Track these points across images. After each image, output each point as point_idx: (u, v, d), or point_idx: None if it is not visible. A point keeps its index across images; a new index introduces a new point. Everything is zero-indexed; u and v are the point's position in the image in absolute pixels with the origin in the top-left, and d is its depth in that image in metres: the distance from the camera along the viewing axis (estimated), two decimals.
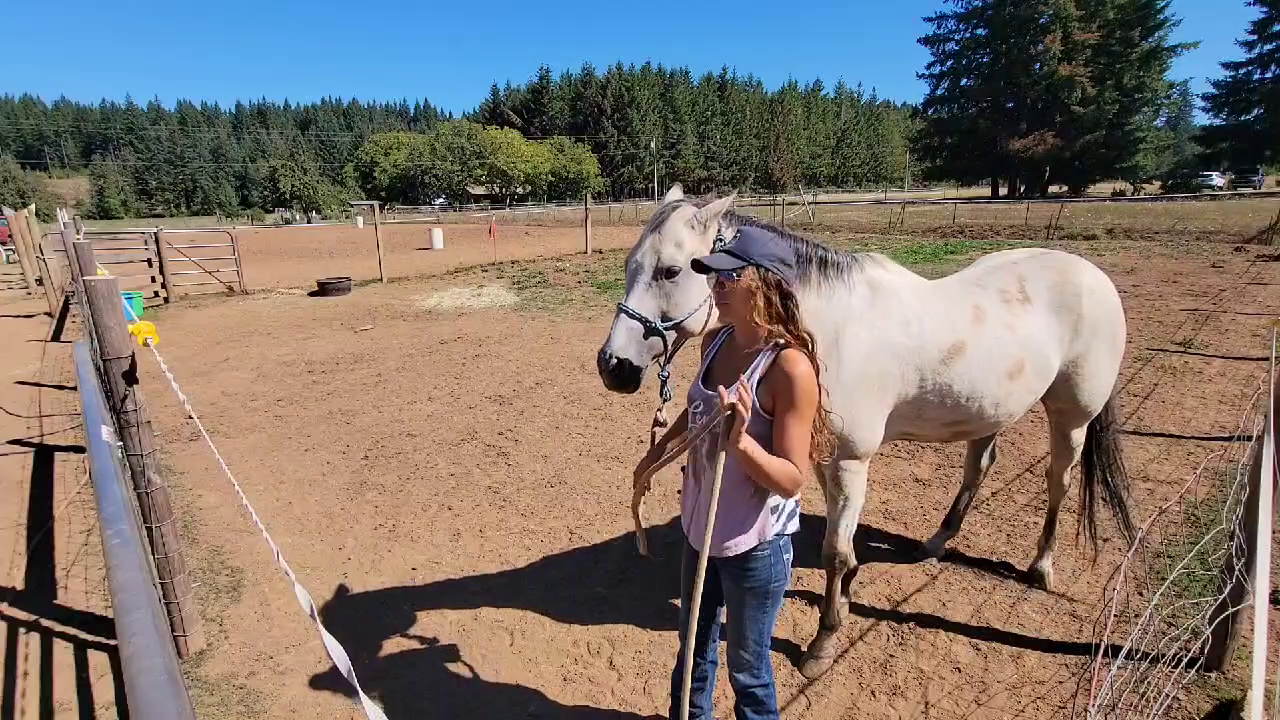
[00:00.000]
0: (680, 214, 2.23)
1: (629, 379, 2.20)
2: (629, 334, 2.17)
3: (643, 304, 2.18)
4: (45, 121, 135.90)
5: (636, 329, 2.17)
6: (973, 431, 2.96)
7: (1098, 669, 2.81)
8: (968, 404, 2.72)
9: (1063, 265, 3.04)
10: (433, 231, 29.11)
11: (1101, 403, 3.21)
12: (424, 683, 2.98)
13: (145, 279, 14.55)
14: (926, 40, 58.97)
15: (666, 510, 4.50)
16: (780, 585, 2.00)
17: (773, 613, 2.04)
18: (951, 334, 2.66)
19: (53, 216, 19.82)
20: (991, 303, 2.82)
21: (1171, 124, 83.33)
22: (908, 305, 2.63)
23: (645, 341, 2.19)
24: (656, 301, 2.19)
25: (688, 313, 2.21)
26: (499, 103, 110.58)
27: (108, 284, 2.89)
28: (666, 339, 2.20)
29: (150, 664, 1.19)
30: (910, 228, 25.77)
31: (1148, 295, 11.18)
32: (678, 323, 2.20)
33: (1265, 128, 47.76)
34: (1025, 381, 2.82)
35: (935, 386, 2.66)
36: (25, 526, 4.59)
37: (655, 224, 2.24)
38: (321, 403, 7.21)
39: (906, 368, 2.59)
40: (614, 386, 2.21)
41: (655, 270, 2.18)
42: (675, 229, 2.21)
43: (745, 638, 2.05)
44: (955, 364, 2.65)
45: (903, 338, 2.57)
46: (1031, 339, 2.83)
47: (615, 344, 2.16)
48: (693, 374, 2.17)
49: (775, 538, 1.95)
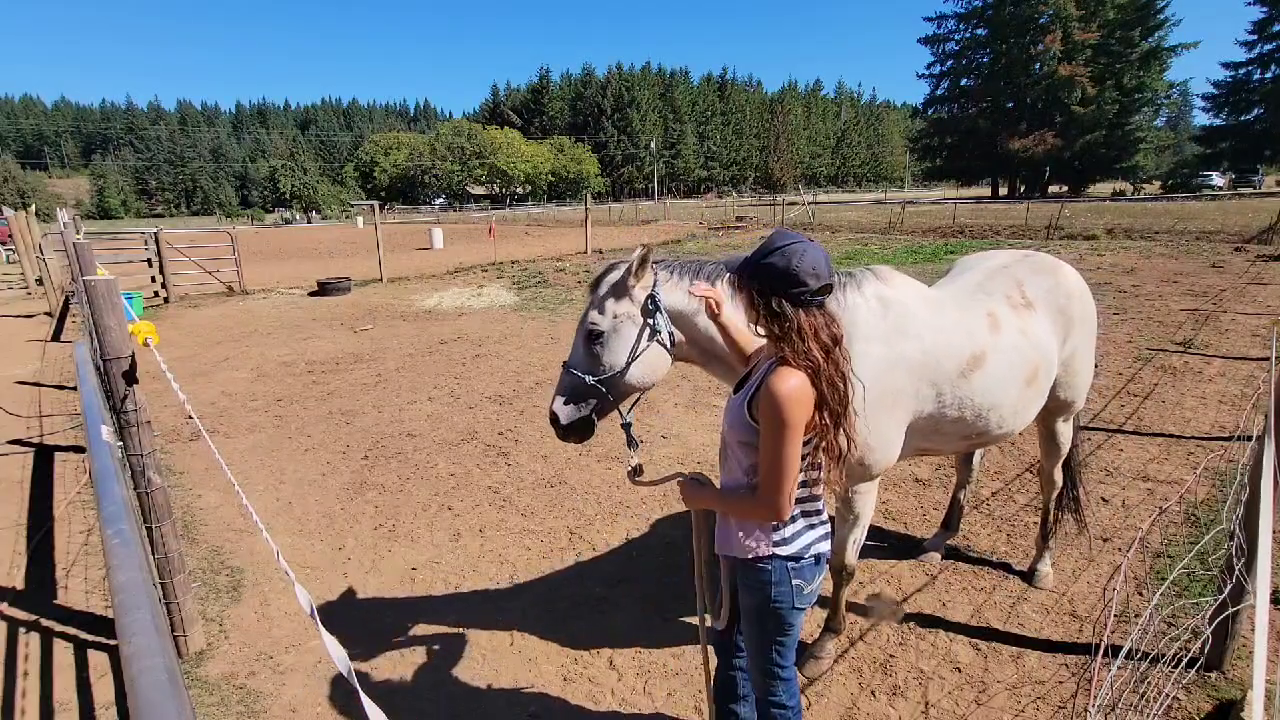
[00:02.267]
0: (607, 279, 2.36)
1: (571, 430, 2.38)
2: (565, 390, 2.37)
3: (578, 363, 2.36)
4: (45, 121, 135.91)
5: (571, 384, 2.36)
6: (989, 442, 2.90)
7: (1098, 669, 2.81)
8: (989, 415, 2.65)
9: (1052, 268, 3.07)
10: (433, 231, 29.08)
11: (1084, 397, 3.28)
12: (424, 683, 2.99)
13: (145, 279, 14.55)
14: (926, 40, 58.98)
15: (667, 510, 4.50)
16: (785, 609, 1.88)
17: (779, 637, 1.94)
18: (970, 345, 2.59)
19: (53, 216, 19.81)
20: (1003, 309, 2.78)
21: (1171, 124, 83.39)
22: (920, 318, 2.53)
23: (581, 399, 2.36)
24: (588, 361, 2.35)
25: (616, 369, 2.32)
26: (499, 103, 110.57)
27: (108, 284, 2.89)
28: (603, 393, 2.33)
29: (150, 664, 1.19)
30: (910, 228, 25.76)
31: (1148, 295, 11.18)
32: (608, 378, 2.32)
33: (1265, 128, 47.77)
34: (1039, 387, 2.82)
35: (955, 400, 2.57)
36: (25, 526, 4.59)
37: (591, 289, 2.41)
38: (321, 403, 7.21)
39: (921, 383, 2.51)
40: (563, 438, 2.41)
41: (585, 334, 2.35)
42: (599, 295, 2.35)
43: (753, 654, 2.01)
44: (975, 375, 2.58)
45: (917, 354, 2.48)
46: (1041, 343, 2.82)
47: (554, 402, 2.38)
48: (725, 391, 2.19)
49: (790, 560, 1.85)
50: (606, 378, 2.32)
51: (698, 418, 6.25)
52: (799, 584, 1.87)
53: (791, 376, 1.67)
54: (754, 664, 2.03)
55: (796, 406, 1.66)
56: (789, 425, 1.66)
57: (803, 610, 1.92)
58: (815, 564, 1.90)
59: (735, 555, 1.91)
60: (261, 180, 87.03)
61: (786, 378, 1.67)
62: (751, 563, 1.88)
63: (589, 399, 2.35)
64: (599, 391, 2.32)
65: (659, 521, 4.37)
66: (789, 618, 1.91)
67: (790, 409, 1.65)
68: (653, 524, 4.34)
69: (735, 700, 2.27)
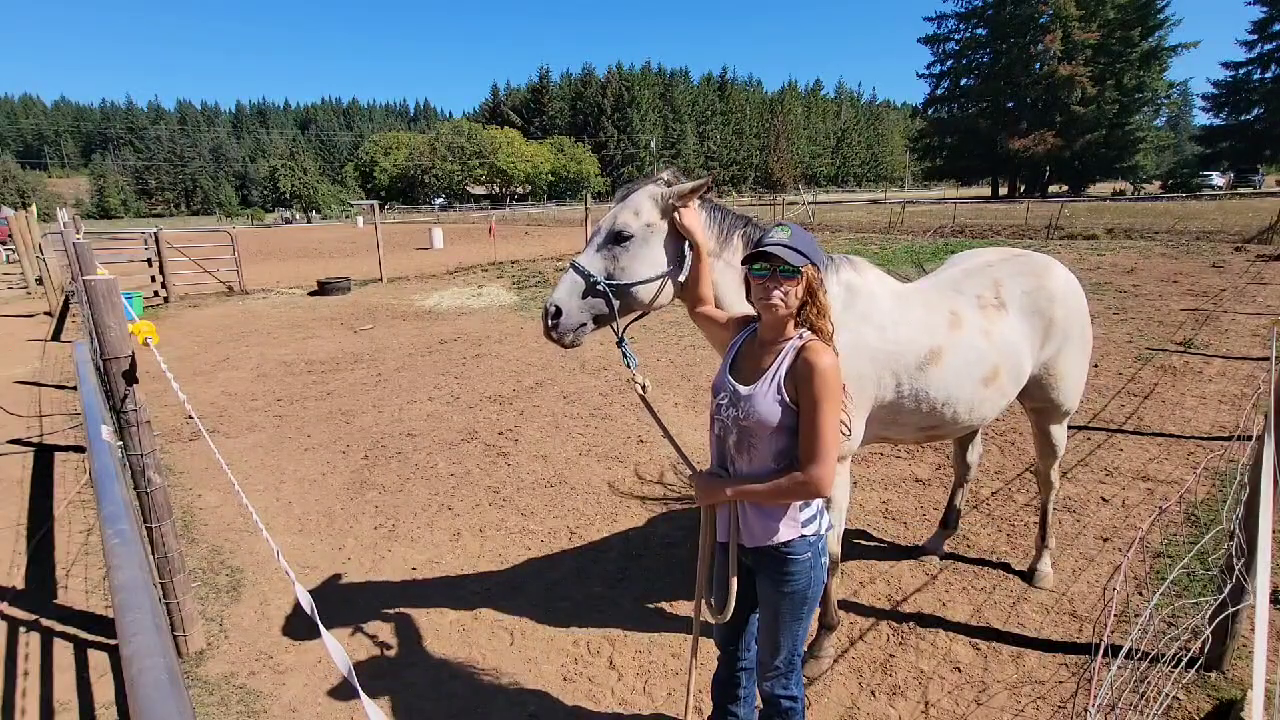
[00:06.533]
0: (647, 189, 2.31)
1: (565, 330, 2.26)
2: (571, 286, 2.25)
3: (591, 262, 2.26)
4: (45, 121, 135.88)
5: (579, 283, 2.25)
6: (947, 435, 3.00)
7: (1098, 669, 2.81)
8: (943, 409, 2.74)
9: (1036, 269, 3.06)
10: (432, 231, 29.08)
11: (1076, 400, 3.27)
12: (424, 683, 2.98)
13: (145, 279, 14.55)
14: (926, 40, 58.90)
15: (667, 509, 4.50)
16: (818, 591, 1.96)
17: (808, 621, 2.00)
18: (929, 340, 2.66)
19: (53, 216, 19.83)
20: (969, 309, 2.84)
21: (1171, 124, 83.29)
22: (885, 310, 2.61)
23: (585, 300, 2.26)
24: (605, 262, 2.26)
25: (633, 279, 2.26)
26: (499, 102, 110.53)
27: (108, 284, 2.89)
28: (610, 299, 2.25)
29: (150, 664, 1.20)
30: (910, 227, 25.76)
31: (1148, 295, 11.18)
32: (620, 285, 2.25)
33: (1265, 128, 47.77)
34: (999, 387, 2.85)
35: (912, 391, 2.66)
36: (25, 526, 4.59)
37: (625, 193, 2.35)
38: (321, 402, 7.21)
39: (883, 372, 2.58)
40: (549, 334, 2.28)
41: (609, 234, 2.27)
42: (638, 200, 2.30)
43: (779, 645, 2.01)
44: (932, 370, 2.65)
45: (879, 342, 2.56)
46: (1007, 345, 2.85)
47: (556, 293, 2.25)
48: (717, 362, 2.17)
49: (815, 537, 1.91)
50: (619, 285, 2.25)
51: (697, 417, 6.25)
52: (824, 561, 1.97)
53: (828, 351, 1.79)
54: (772, 655, 2.03)
55: (838, 377, 1.77)
56: (836, 397, 1.76)
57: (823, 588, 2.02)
58: (826, 541, 1.99)
59: (760, 544, 1.91)
60: (261, 180, 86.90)
61: (825, 352, 1.78)
62: (780, 549, 1.89)
63: (593, 305, 2.27)
64: (607, 297, 2.24)
65: (659, 521, 4.37)
66: (816, 601, 2.00)
67: (836, 379, 1.76)
68: (653, 524, 4.34)
69: (735, 700, 2.26)
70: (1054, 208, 24.97)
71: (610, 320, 2.29)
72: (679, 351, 8.59)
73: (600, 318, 2.30)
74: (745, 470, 1.91)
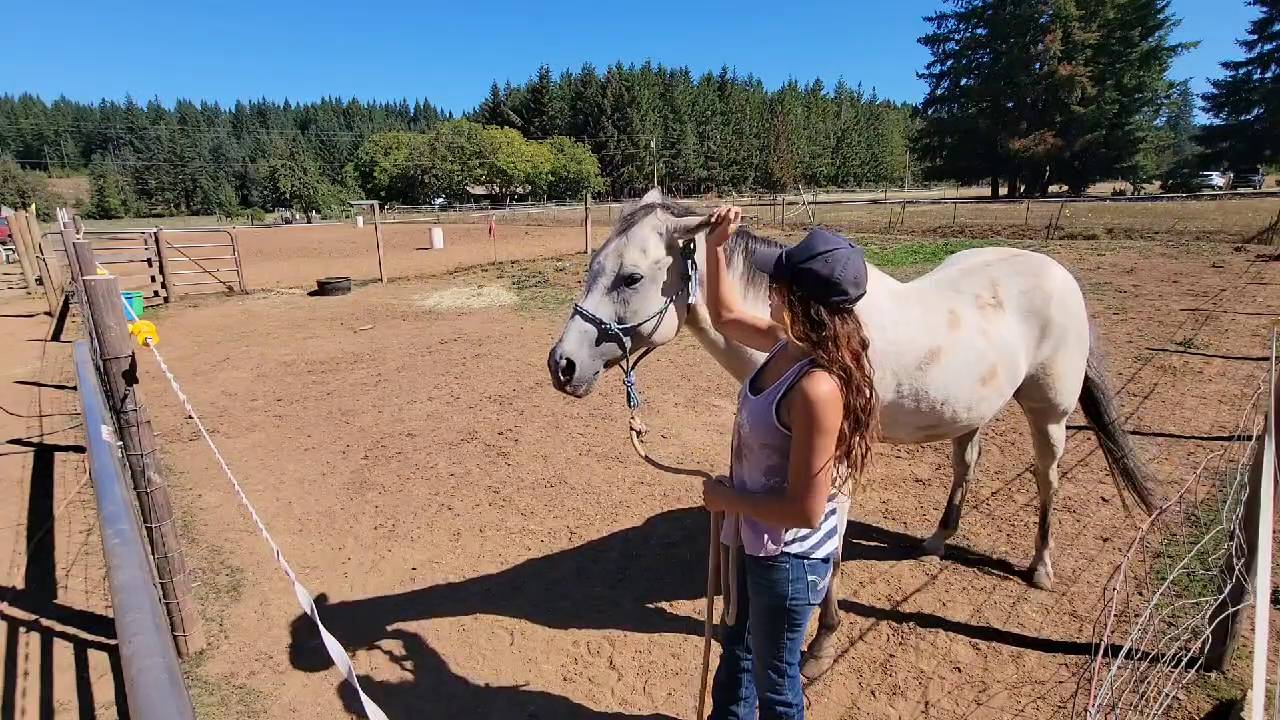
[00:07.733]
0: (650, 220, 2.18)
1: (580, 383, 2.15)
2: (580, 336, 2.12)
3: (599, 307, 2.14)
4: (45, 121, 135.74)
5: (589, 331, 2.13)
6: (944, 434, 3.01)
7: (1098, 669, 2.81)
8: (942, 408, 2.74)
9: (1033, 269, 3.07)
10: (432, 231, 29.07)
11: (1073, 400, 3.26)
12: (424, 683, 2.98)
13: (145, 279, 14.54)
14: (926, 40, 58.86)
15: (667, 509, 4.50)
16: (799, 605, 1.89)
17: (791, 634, 1.95)
18: (929, 340, 2.67)
19: (53, 216, 19.81)
20: (967, 308, 2.84)
21: (1171, 124, 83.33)
22: (884, 310, 2.61)
23: (598, 347, 2.14)
24: (614, 306, 2.14)
25: (644, 318, 2.15)
26: (499, 102, 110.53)
27: (108, 284, 2.89)
28: (624, 343, 2.15)
29: (150, 664, 1.19)
30: (910, 227, 25.77)
31: (1148, 295, 11.18)
32: (632, 327, 2.15)
33: (1265, 128, 47.74)
34: (997, 386, 2.86)
35: (911, 391, 2.67)
36: (25, 526, 4.59)
37: (624, 226, 2.19)
38: (321, 402, 7.21)
39: (883, 372, 2.58)
40: (562, 388, 2.15)
41: (618, 276, 2.13)
42: (643, 236, 2.16)
43: (762, 653, 2.01)
44: (931, 370, 2.66)
45: (878, 342, 2.51)
46: (1004, 344, 2.86)
47: (567, 345, 2.11)
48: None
49: (795, 556, 1.87)
50: (631, 326, 2.14)
51: (697, 417, 6.25)
52: (813, 580, 1.89)
53: (825, 381, 1.65)
54: (762, 662, 2.03)
55: (833, 411, 1.64)
56: (826, 431, 1.63)
57: (814, 607, 1.94)
58: (824, 562, 1.91)
59: (748, 552, 1.91)
60: (261, 180, 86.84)
61: (821, 382, 1.65)
62: (765, 560, 1.88)
63: (605, 350, 2.15)
64: (619, 340, 2.14)
65: (659, 522, 4.37)
66: (801, 615, 1.93)
67: (828, 414, 1.63)
68: (653, 524, 4.34)
69: (735, 701, 2.26)
70: (1054, 208, 24.96)
71: (621, 360, 2.21)
72: (679, 351, 8.58)
73: (612, 361, 2.21)
74: (742, 476, 1.92)
